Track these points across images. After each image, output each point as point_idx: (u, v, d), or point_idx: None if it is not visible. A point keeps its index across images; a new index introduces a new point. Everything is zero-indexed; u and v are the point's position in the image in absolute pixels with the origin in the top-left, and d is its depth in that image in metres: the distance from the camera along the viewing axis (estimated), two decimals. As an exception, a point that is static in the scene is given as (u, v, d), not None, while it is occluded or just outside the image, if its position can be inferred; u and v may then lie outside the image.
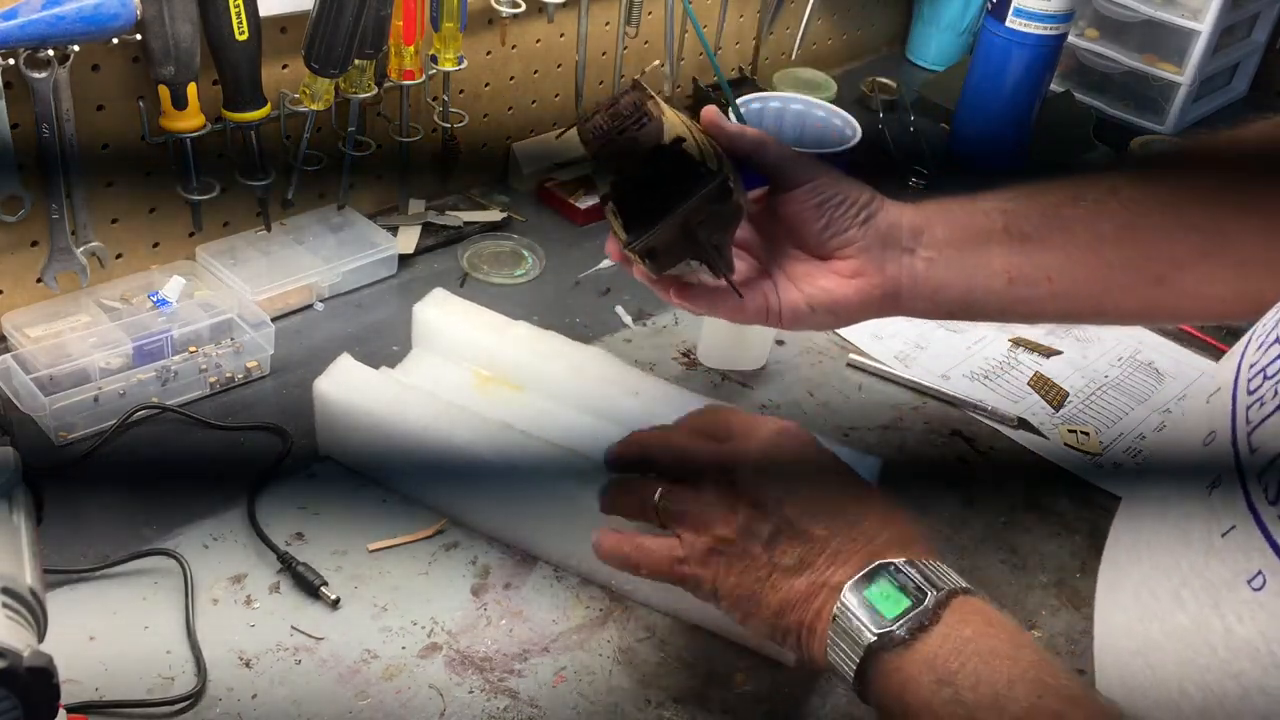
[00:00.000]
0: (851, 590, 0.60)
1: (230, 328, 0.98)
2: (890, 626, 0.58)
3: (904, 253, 0.77)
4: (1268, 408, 0.55)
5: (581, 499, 0.80)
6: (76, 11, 0.83)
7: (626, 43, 1.28)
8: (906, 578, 0.59)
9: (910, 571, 0.60)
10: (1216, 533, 0.56)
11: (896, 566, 0.60)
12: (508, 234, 1.19)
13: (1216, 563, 0.55)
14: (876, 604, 0.59)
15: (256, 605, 0.79)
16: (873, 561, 0.61)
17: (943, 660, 0.57)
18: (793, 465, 0.65)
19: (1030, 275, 0.77)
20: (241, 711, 0.72)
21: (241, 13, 0.92)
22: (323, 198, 1.14)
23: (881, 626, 0.58)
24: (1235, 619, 0.53)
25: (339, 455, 0.90)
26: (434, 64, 1.10)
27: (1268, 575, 0.52)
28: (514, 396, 0.93)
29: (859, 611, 0.59)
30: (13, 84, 0.86)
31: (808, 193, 0.77)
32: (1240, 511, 0.54)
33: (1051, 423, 1.03)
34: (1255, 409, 0.56)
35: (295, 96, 1.02)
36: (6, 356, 0.90)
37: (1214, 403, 0.62)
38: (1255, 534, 0.53)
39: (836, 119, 1.15)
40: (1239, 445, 0.57)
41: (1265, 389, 0.57)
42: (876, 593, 0.59)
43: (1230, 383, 0.60)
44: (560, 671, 0.77)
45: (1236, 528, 0.54)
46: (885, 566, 0.60)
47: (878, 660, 0.58)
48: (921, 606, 0.58)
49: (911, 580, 0.59)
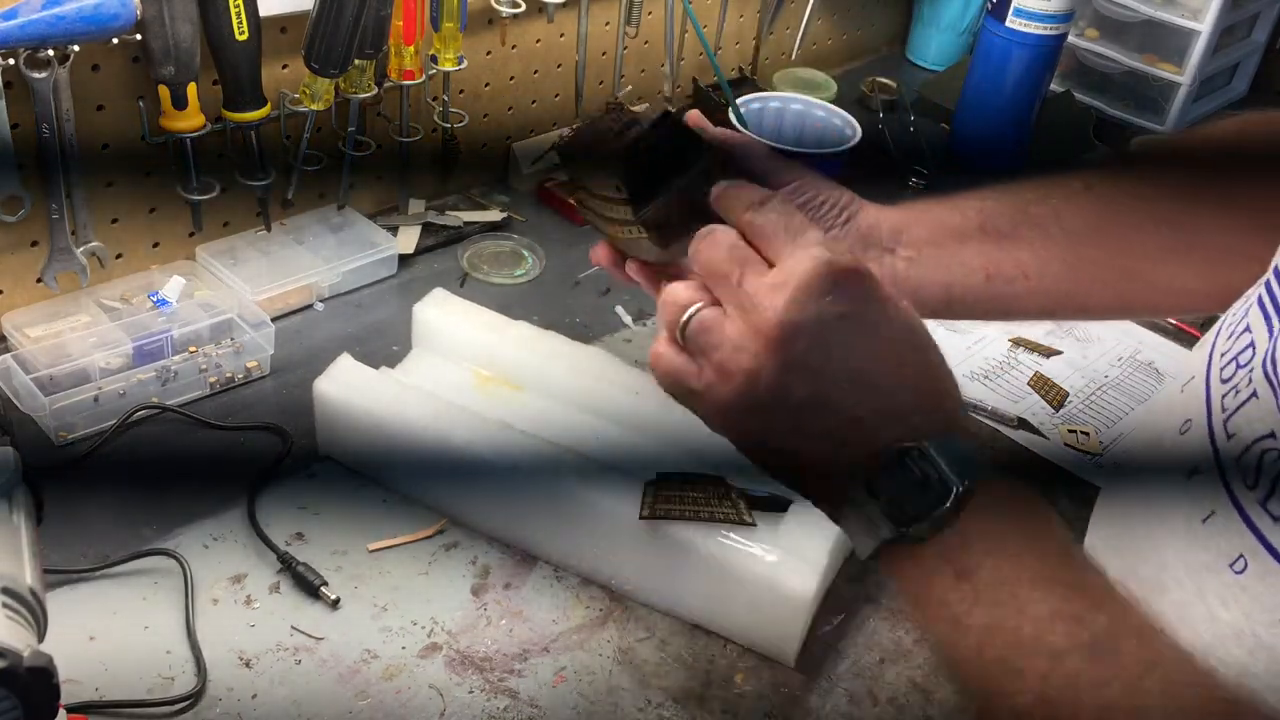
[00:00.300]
0: (871, 478, 0.55)
1: (230, 328, 0.98)
2: (908, 526, 0.54)
3: (884, 252, 0.77)
4: (1242, 395, 0.56)
5: (581, 499, 0.80)
6: (76, 11, 0.83)
7: (626, 43, 1.28)
8: (931, 466, 0.54)
9: (935, 459, 0.54)
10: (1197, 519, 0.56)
11: (921, 452, 0.54)
12: (508, 234, 1.19)
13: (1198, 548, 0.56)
14: (897, 497, 0.54)
15: (256, 605, 0.78)
16: (899, 443, 0.55)
17: (962, 557, 0.54)
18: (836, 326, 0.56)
19: (1007, 272, 0.77)
20: (241, 711, 0.72)
21: (241, 13, 0.92)
22: (323, 198, 1.14)
23: (900, 524, 0.54)
24: (1219, 603, 0.53)
25: (339, 455, 0.90)
26: (434, 64, 1.10)
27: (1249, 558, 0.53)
28: (514, 396, 0.93)
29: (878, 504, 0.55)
30: (13, 84, 0.86)
31: (789, 194, 0.77)
32: (1220, 497, 0.54)
33: (1051, 423, 1.03)
34: (1230, 396, 0.57)
35: (295, 96, 1.02)
36: (6, 356, 0.90)
37: (1188, 391, 0.63)
38: (1235, 519, 0.53)
39: (836, 119, 1.15)
40: (1215, 432, 0.57)
41: (1239, 377, 0.57)
42: (897, 484, 0.54)
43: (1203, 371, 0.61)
44: (560, 671, 0.77)
45: (1216, 513, 0.54)
46: (908, 452, 0.54)
47: (893, 550, 0.55)
48: (943, 507, 0.53)
49: (935, 470, 0.54)
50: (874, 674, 0.79)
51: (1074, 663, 0.49)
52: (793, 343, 0.55)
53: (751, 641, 0.80)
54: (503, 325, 0.96)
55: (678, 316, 0.59)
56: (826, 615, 0.82)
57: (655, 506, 0.79)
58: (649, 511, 0.78)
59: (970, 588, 0.53)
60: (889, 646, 0.81)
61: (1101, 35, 1.57)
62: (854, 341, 0.56)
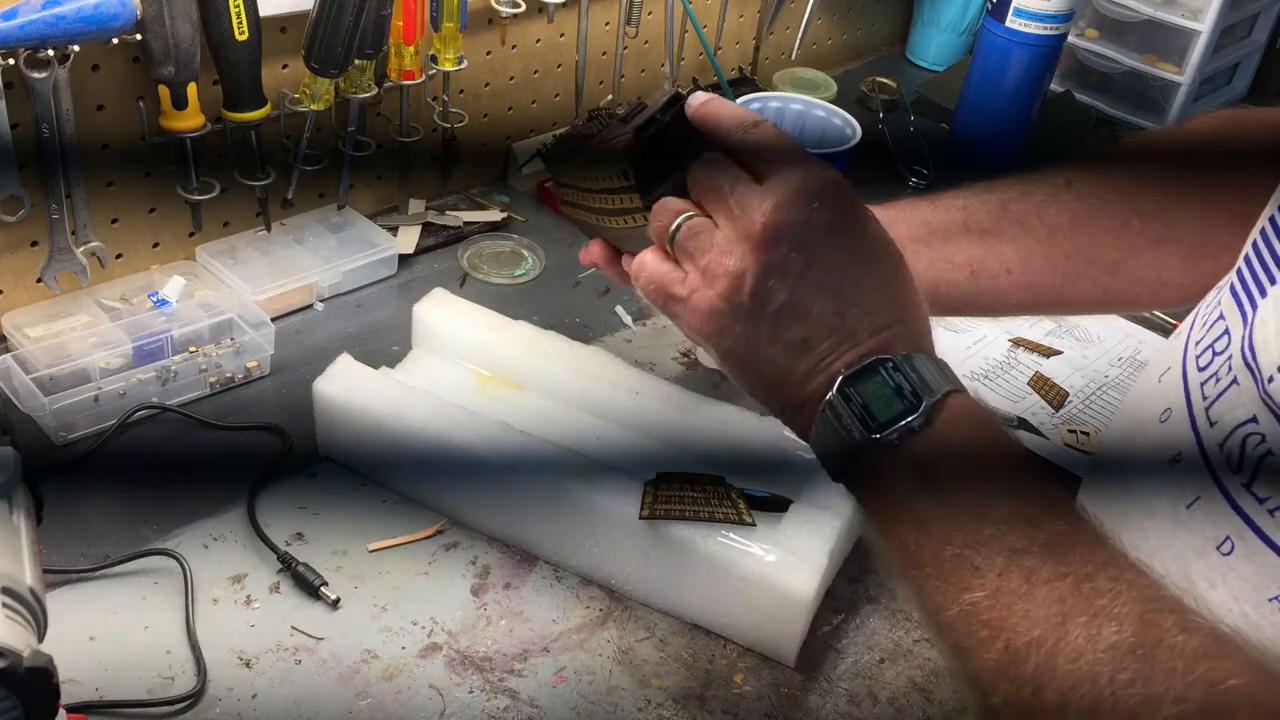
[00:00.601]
0: (846, 385, 0.56)
1: (230, 328, 0.98)
2: (879, 433, 0.55)
3: None
4: (1223, 382, 0.57)
5: (581, 499, 0.80)
6: (76, 11, 0.83)
7: (626, 43, 1.28)
8: (904, 377, 0.56)
9: (908, 370, 0.56)
10: (1181, 505, 0.58)
11: (895, 364, 0.56)
12: (508, 234, 1.19)
13: (1184, 532, 0.57)
14: (870, 403, 0.56)
15: (256, 605, 0.79)
16: (875, 354, 0.57)
17: (930, 465, 0.55)
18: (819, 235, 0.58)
19: (991, 268, 0.79)
20: (241, 711, 0.72)
21: (241, 13, 0.92)
22: (323, 198, 1.14)
23: (871, 430, 0.55)
24: (1207, 585, 0.54)
25: (339, 455, 0.90)
26: (434, 64, 1.10)
27: (1235, 540, 0.54)
28: (514, 396, 0.93)
29: (851, 407, 0.56)
30: (13, 84, 0.86)
31: None
32: (1204, 483, 0.56)
33: (1051, 423, 1.03)
34: (1210, 385, 0.58)
35: (295, 96, 1.02)
36: (6, 356, 0.90)
37: (1165, 381, 0.63)
38: (1221, 502, 0.55)
39: (836, 119, 1.15)
40: (1197, 420, 0.58)
41: (1218, 364, 0.58)
42: (871, 391, 0.56)
43: (1179, 361, 0.62)
44: (560, 671, 0.77)
45: (1201, 498, 0.56)
46: (884, 362, 0.56)
47: (863, 456, 0.56)
48: (914, 415, 0.55)
49: (908, 381, 0.56)
50: (874, 674, 0.79)
51: (1031, 561, 0.50)
52: (776, 246, 0.57)
53: (751, 641, 0.80)
54: (503, 325, 0.96)
55: (669, 223, 0.61)
56: (826, 615, 0.82)
57: (655, 506, 0.79)
58: (649, 511, 0.78)
59: (935, 492, 0.54)
60: (889, 646, 0.81)
61: (1101, 35, 1.57)
62: (834, 251, 0.58)
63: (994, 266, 0.79)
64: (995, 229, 0.79)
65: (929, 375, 0.56)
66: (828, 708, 0.77)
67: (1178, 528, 0.58)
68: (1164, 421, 0.62)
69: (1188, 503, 0.58)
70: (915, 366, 0.56)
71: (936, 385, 0.56)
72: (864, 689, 0.78)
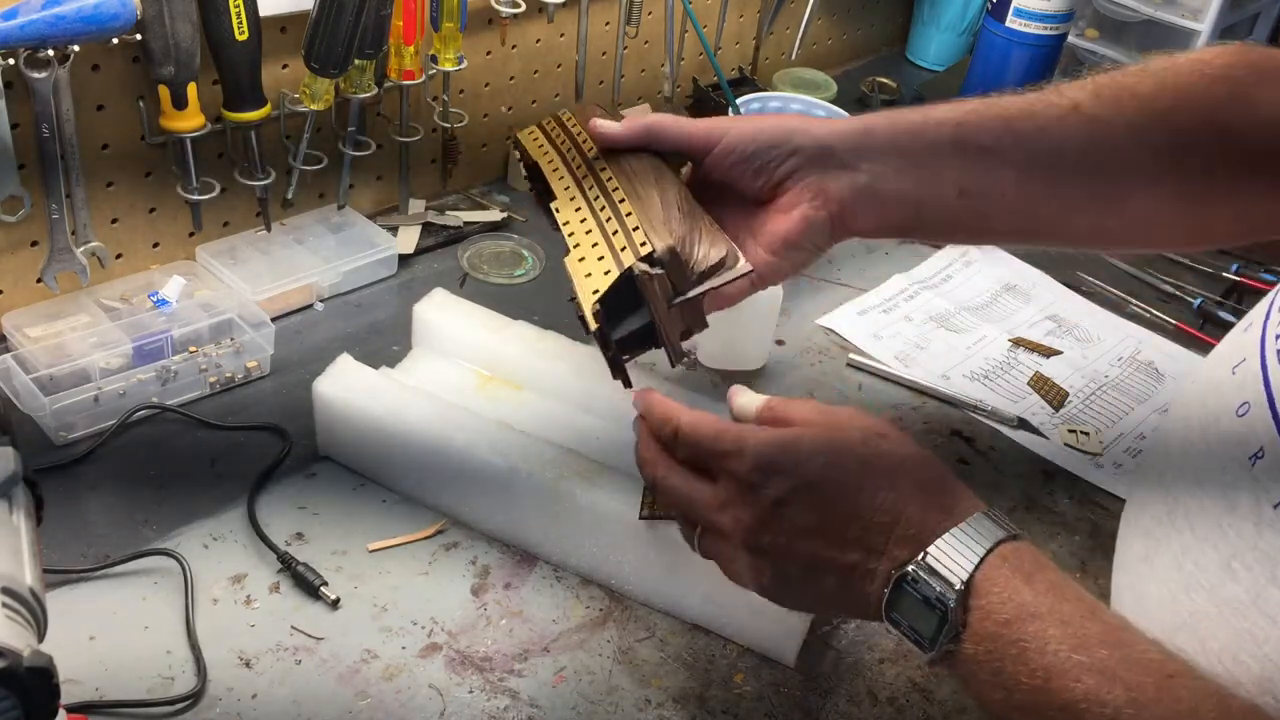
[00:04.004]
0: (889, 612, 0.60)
1: (230, 328, 0.98)
2: (930, 654, 0.58)
3: (844, 170, 0.74)
4: None
5: (581, 499, 0.80)
6: (76, 11, 0.83)
7: (626, 43, 1.28)
8: (928, 585, 0.57)
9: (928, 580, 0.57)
10: (1267, 504, 0.55)
11: (914, 576, 0.58)
12: (508, 234, 1.19)
13: (1270, 534, 0.55)
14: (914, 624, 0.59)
15: (256, 605, 0.78)
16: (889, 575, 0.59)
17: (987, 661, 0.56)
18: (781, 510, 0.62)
19: (984, 188, 0.75)
20: (241, 711, 0.72)
21: (241, 13, 0.92)
22: (323, 198, 1.14)
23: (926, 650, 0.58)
24: None
25: (339, 455, 0.90)
26: (434, 64, 1.10)
27: None
28: (514, 396, 0.93)
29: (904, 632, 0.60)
30: (13, 84, 0.86)
31: (720, 156, 0.76)
32: None
33: (1051, 423, 1.03)
34: None
35: (295, 96, 1.02)
36: (6, 356, 0.90)
37: (1241, 373, 0.61)
38: None
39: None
40: None
41: None
42: (907, 609, 0.59)
43: (1257, 353, 0.60)
44: (560, 671, 0.77)
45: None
46: (904, 579, 0.58)
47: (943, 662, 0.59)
48: (948, 624, 0.57)
49: (933, 589, 0.57)
50: (874, 674, 0.79)
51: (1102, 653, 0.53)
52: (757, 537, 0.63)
53: (751, 641, 0.80)
54: (503, 325, 0.96)
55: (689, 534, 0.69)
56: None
57: (655, 506, 0.79)
58: (649, 511, 0.78)
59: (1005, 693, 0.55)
60: (889, 646, 0.81)
61: (1101, 35, 1.57)
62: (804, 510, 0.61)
63: (987, 187, 0.74)
64: (994, 147, 0.74)
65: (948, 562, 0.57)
66: (828, 708, 0.77)
67: (1263, 529, 0.55)
68: (1242, 415, 0.59)
69: (1274, 503, 0.55)
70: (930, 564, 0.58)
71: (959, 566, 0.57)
72: (864, 689, 0.78)
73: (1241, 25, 1.59)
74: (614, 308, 0.72)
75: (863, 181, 0.74)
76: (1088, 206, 0.76)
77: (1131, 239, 0.80)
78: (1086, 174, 0.75)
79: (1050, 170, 0.75)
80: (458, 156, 1.21)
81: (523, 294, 1.12)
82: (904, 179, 0.74)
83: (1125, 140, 0.74)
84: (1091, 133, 0.74)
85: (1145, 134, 0.74)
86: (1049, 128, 0.75)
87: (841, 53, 1.66)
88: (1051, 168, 0.75)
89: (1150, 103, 0.75)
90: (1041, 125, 0.75)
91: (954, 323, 1.15)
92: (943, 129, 0.75)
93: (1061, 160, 0.75)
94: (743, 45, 1.50)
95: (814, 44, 1.60)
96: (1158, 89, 0.75)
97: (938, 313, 1.16)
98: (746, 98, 1.17)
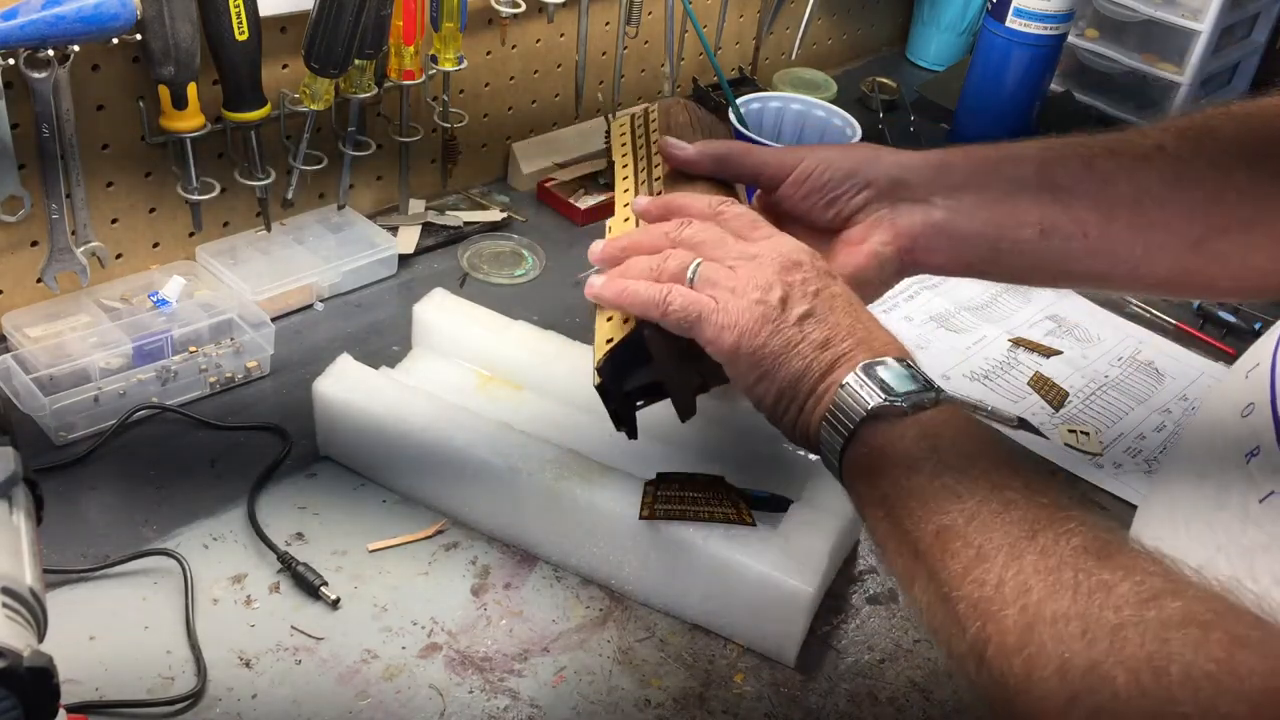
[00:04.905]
0: (867, 366, 0.60)
1: (230, 328, 0.98)
2: (896, 399, 0.59)
3: (916, 205, 0.73)
4: None
5: (581, 499, 0.80)
6: (76, 11, 0.83)
7: (626, 43, 1.28)
8: (917, 372, 0.60)
9: (919, 370, 0.61)
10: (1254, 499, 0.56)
11: (910, 363, 0.61)
12: (508, 234, 1.19)
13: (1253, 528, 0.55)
14: (887, 381, 0.59)
15: (256, 605, 0.79)
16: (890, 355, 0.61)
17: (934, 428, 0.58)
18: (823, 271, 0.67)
19: (1065, 228, 0.72)
20: (241, 711, 0.72)
21: (241, 13, 0.92)
22: (323, 198, 1.14)
23: (888, 396, 0.59)
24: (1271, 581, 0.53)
25: (339, 455, 0.90)
26: (434, 64, 1.10)
27: None
28: (514, 396, 0.93)
29: (870, 382, 0.60)
30: (13, 84, 0.86)
31: (793, 186, 0.76)
32: None
33: (1051, 423, 1.03)
34: None
35: (295, 96, 1.02)
36: (6, 356, 0.90)
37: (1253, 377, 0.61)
38: None
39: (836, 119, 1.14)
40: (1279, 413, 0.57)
41: None
42: (888, 374, 0.60)
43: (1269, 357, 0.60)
44: (560, 671, 0.77)
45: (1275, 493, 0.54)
46: (900, 360, 0.61)
47: (871, 427, 0.59)
48: (929, 391, 0.59)
49: (921, 374, 0.60)
50: (874, 674, 0.79)
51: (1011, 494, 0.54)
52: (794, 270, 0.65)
53: (751, 641, 0.80)
54: (503, 325, 0.96)
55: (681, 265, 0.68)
56: (826, 615, 0.82)
57: (655, 506, 0.79)
58: (649, 511, 0.78)
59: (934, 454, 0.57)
60: (889, 646, 0.81)
61: (1101, 35, 1.57)
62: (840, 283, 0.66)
63: (1068, 228, 0.72)
64: (1076, 187, 0.72)
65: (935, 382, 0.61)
66: (828, 708, 0.77)
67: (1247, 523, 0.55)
68: (1246, 416, 0.59)
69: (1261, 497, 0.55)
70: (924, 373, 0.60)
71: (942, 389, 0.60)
72: (864, 689, 0.78)
73: (1241, 25, 1.59)
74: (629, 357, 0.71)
75: (937, 217, 0.73)
76: (1173, 250, 0.74)
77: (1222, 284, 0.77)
78: (1173, 217, 0.73)
79: (1133, 212, 0.73)
80: (457, 156, 1.21)
81: (523, 294, 1.12)
82: (981, 216, 0.73)
83: (1212, 181, 0.73)
84: (1176, 173, 0.73)
85: (1232, 174, 0.72)
86: (1134, 167, 0.73)
87: (841, 53, 1.66)
88: (1134, 209, 0.73)
89: (1233, 145, 0.73)
90: (1125, 164, 0.73)
91: (954, 322, 1.15)
92: (1023, 166, 0.74)
93: (1144, 200, 0.73)
94: (743, 45, 1.50)
95: (814, 44, 1.60)
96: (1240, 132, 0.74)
97: (938, 312, 1.16)
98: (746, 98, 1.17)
